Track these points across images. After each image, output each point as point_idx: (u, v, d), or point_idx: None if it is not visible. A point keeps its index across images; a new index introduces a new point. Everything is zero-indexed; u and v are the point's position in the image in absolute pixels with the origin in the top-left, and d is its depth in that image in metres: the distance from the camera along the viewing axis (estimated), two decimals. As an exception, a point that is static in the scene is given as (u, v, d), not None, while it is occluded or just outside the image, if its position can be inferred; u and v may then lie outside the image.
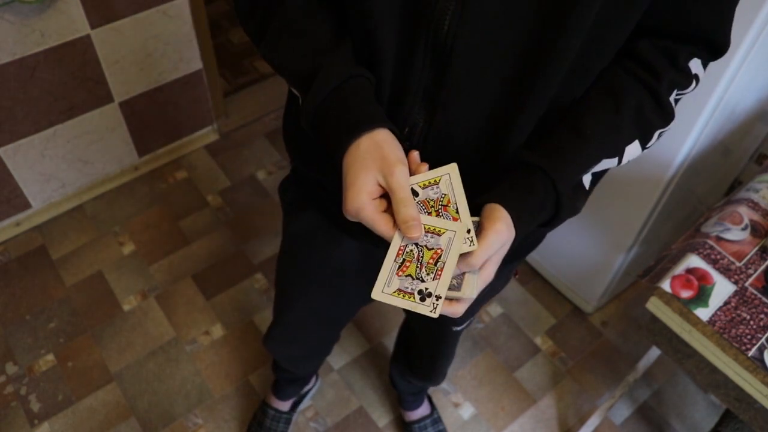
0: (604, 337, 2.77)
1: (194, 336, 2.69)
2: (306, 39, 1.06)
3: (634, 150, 1.10)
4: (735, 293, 1.57)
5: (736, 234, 1.67)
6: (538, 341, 2.75)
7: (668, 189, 2.20)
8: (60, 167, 2.91)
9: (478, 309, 1.71)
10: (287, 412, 2.43)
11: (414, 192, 0.99)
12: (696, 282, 1.59)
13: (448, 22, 0.97)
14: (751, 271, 1.61)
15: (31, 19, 2.39)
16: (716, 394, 1.64)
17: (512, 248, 1.01)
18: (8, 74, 2.48)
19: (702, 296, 1.57)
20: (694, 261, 1.62)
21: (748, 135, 2.40)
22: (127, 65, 2.80)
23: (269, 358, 2.57)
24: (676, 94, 1.10)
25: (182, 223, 3.05)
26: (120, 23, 2.65)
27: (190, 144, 3.34)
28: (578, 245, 2.63)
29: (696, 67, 1.10)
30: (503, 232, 0.96)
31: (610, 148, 1.08)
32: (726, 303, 1.56)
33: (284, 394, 2.39)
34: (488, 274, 0.99)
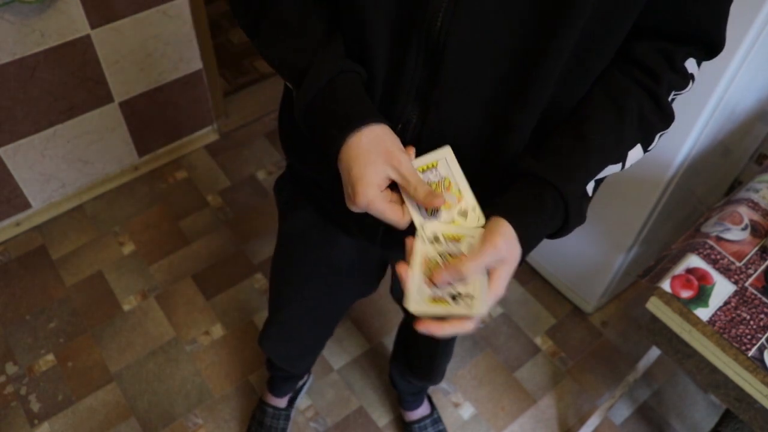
0: (604, 337, 2.77)
1: (194, 336, 2.69)
2: (298, 35, 1.07)
3: (637, 154, 1.11)
4: (735, 293, 1.57)
5: (736, 234, 1.67)
6: (538, 341, 2.75)
7: (668, 189, 2.20)
8: (60, 167, 2.91)
9: None
10: (285, 408, 2.43)
11: (436, 238, 1.01)
12: (696, 282, 1.58)
13: (441, 20, 0.98)
14: (751, 271, 1.60)
15: (31, 19, 2.39)
16: (716, 394, 1.63)
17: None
18: (8, 74, 2.48)
19: (702, 296, 1.56)
20: (694, 261, 1.62)
21: (748, 135, 2.40)
22: (127, 65, 2.80)
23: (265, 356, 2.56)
24: (674, 95, 1.10)
25: (182, 223, 3.05)
26: (120, 23, 2.65)
27: (190, 144, 3.34)
28: (578, 245, 2.63)
29: (692, 67, 1.10)
30: (500, 248, 0.97)
31: (614, 155, 1.08)
32: (726, 303, 1.55)
33: (280, 391, 2.40)
34: (499, 290, 0.98)
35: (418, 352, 2.08)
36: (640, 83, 1.07)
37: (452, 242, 0.99)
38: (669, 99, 1.09)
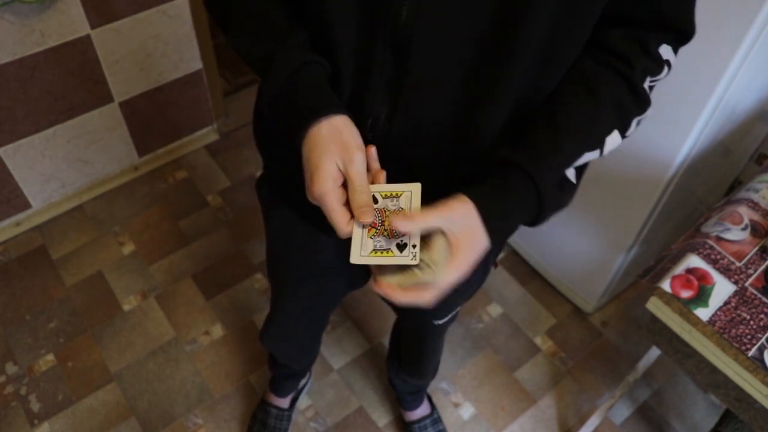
0: (604, 337, 2.77)
1: (194, 336, 2.69)
2: (263, 27, 1.07)
3: (615, 140, 1.10)
4: (735, 293, 1.56)
5: (736, 234, 1.66)
6: (538, 341, 2.75)
7: (668, 189, 2.20)
8: (60, 167, 2.91)
9: (458, 303, 1.73)
10: (288, 409, 2.43)
11: (374, 199, 1.01)
12: (696, 282, 1.58)
13: (405, 13, 0.98)
14: (751, 271, 1.60)
15: (31, 19, 2.39)
16: (716, 394, 1.63)
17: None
18: (8, 74, 2.48)
19: (702, 296, 1.56)
20: (694, 261, 1.61)
21: (748, 135, 2.40)
22: (127, 65, 2.80)
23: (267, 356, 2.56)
24: (650, 81, 1.10)
25: (182, 223, 3.05)
26: (120, 23, 2.64)
27: (190, 144, 3.33)
28: (578, 245, 2.63)
29: (667, 53, 1.10)
30: (455, 209, 0.98)
31: (591, 141, 1.08)
32: (726, 303, 1.55)
33: (283, 391, 2.40)
34: (460, 264, 0.98)
35: (407, 349, 2.11)
36: (615, 69, 1.08)
37: (392, 199, 1.00)
38: (645, 85, 1.09)
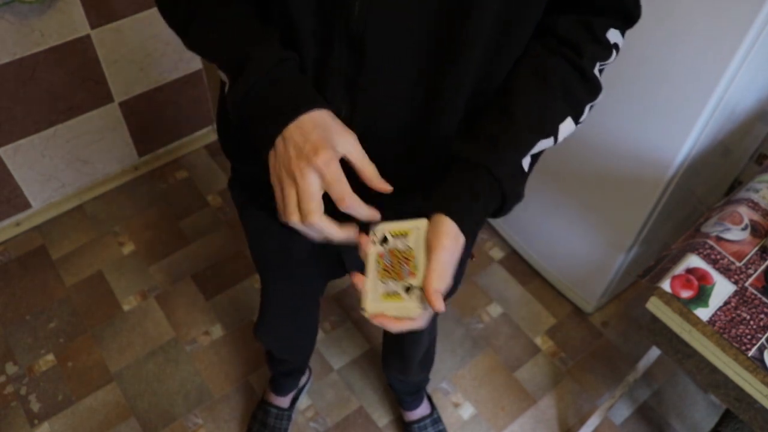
0: (605, 337, 2.76)
1: (194, 336, 2.69)
2: (232, 28, 1.06)
3: (568, 127, 1.11)
4: (735, 293, 1.56)
5: (736, 234, 1.66)
6: (538, 341, 2.75)
7: (668, 189, 2.19)
8: (60, 167, 2.91)
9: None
10: (288, 409, 2.43)
11: (384, 238, 1.02)
12: (696, 282, 1.57)
13: (358, 9, 0.98)
14: (751, 271, 1.59)
15: (31, 19, 2.39)
16: (716, 394, 1.62)
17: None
18: (8, 74, 2.48)
19: (702, 296, 1.55)
20: (694, 261, 1.61)
21: (748, 135, 2.39)
22: (127, 65, 2.80)
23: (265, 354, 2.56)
24: (600, 66, 1.11)
25: (182, 223, 3.05)
26: (120, 23, 2.64)
27: (190, 144, 3.33)
28: (578, 245, 2.62)
29: (614, 37, 1.11)
30: (450, 247, 0.98)
31: (545, 129, 1.08)
32: (726, 303, 1.54)
33: (283, 390, 2.40)
34: (447, 279, 0.98)
35: (389, 346, 2.16)
36: (563, 56, 1.08)
37: (400, 238, 1.00)
38: (594, 70, 1.10)
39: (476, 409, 2.56)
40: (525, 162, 1.09)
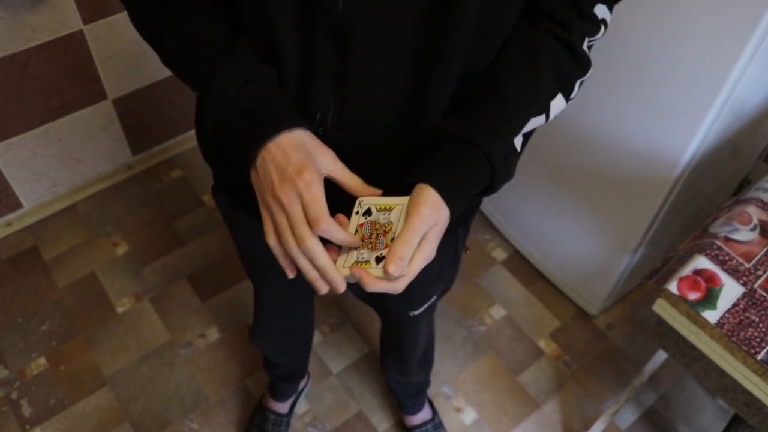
0: (610, 340, 2.75)
1: (189, 339, 2.68)
2: (200, 44, 1.06)
3: (559, 104, 1.12)
4: (744, 295, 1.56)
5: (745, 234, 1.66)
6: (542, 344, 2.73)
7: (675, 188, 2.19)
8: (52, 166, 2.90)
9: (433, 292, 1.73)
10: (286, 415, 2.43)
11: (368, 211, 1.04)
12: (704, 284, 1.58)
13: (341, 2, 0.98)
14: (760, 273, 1.59)
15: (23, 15, 2.39)
16: (724, 399, 1.63)
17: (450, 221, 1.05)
18: (-1, 71, 2.48)
19: (710, 298, 1.56)
20: (702, 262, 1.61)
21: (757, 133, 2.38)
22: (121, 61, 2.79)
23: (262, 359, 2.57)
24: (588, 42, 1.12)
25: (177, 223, 3.04)
26: (114, 18, 2.64)
27: (186, 142, 3.32)
28: (583, 246, 2.62)
29: (602, 12, 1.12)
30: (427, 216, 0.98)
31: (536, 106, 1.10)
32: (734, 305, 1.55)
33: (282, 395, 2.40)
34: (428, 251, 1.00)
35: (388, 344, 2.14)
36: (552, 33, 1.09)
37: (383, 212, 1.02)
38: (583, 46, 1.11)
39: (478, 414, 2.55)
40: (517, 141, 1.12)
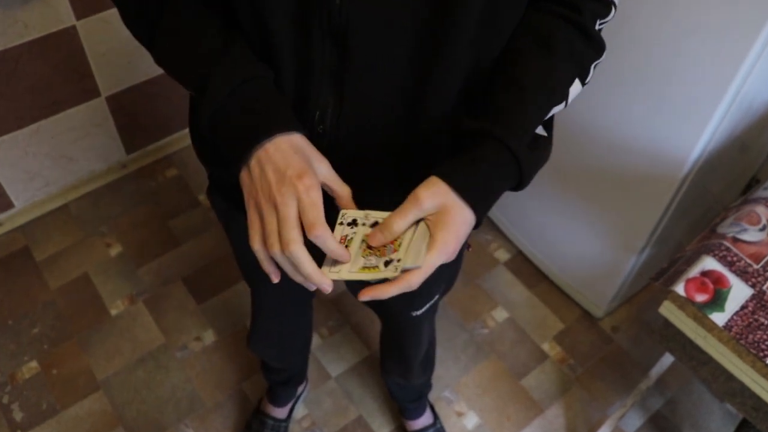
0: (615, 343, 2.74)
1: (185, 342, 2.67)
2: (195, 43, 1.07)
3: (576, 88, 1.12)
4: (752, 297, 1.55)
5: (754, 235, 1.65)
6: (546, 347, 2.72)
7: (682, 187, 2.17)
8: (44, 165, 2.90)
9: (435, 291, 1.72)
10: (285, 420, 2.42)
11: (353, 222, 1.03)
12: (711, 285, 1.57)
13: (339, 0, 0.97)
14: (770, 274, 1.59)
15: (14, 10, 2.39)
16: (732, 403, 1.62)
17: None
18: (-10, 67, 2.48)
19: (718, 300, 1.55)
20: (710, 263, 1.60)
21: (766, 130, 2.37)
22: (115, 58, 2.78)
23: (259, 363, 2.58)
24: (599, 24, 1.12)
25: (172, 223, 3.04)
26: (107, 13, 2.63)
27: (181, 140, 3.32)
28: (588, 246, 2.61)
29: None
30: (421, 198, 0.97)
31: (555, 95, 1.09)
32: (743, 307, 1.54)
33: (280, 400, 2.39)
34: (450, 248, 0.99)
35: (389, 346, 2.13)
36: (563, 17, 1.09)
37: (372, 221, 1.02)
38: (596, 28, 1.11)
39: (481, 419, 2.54)
40: (540, 129, 1.11)
